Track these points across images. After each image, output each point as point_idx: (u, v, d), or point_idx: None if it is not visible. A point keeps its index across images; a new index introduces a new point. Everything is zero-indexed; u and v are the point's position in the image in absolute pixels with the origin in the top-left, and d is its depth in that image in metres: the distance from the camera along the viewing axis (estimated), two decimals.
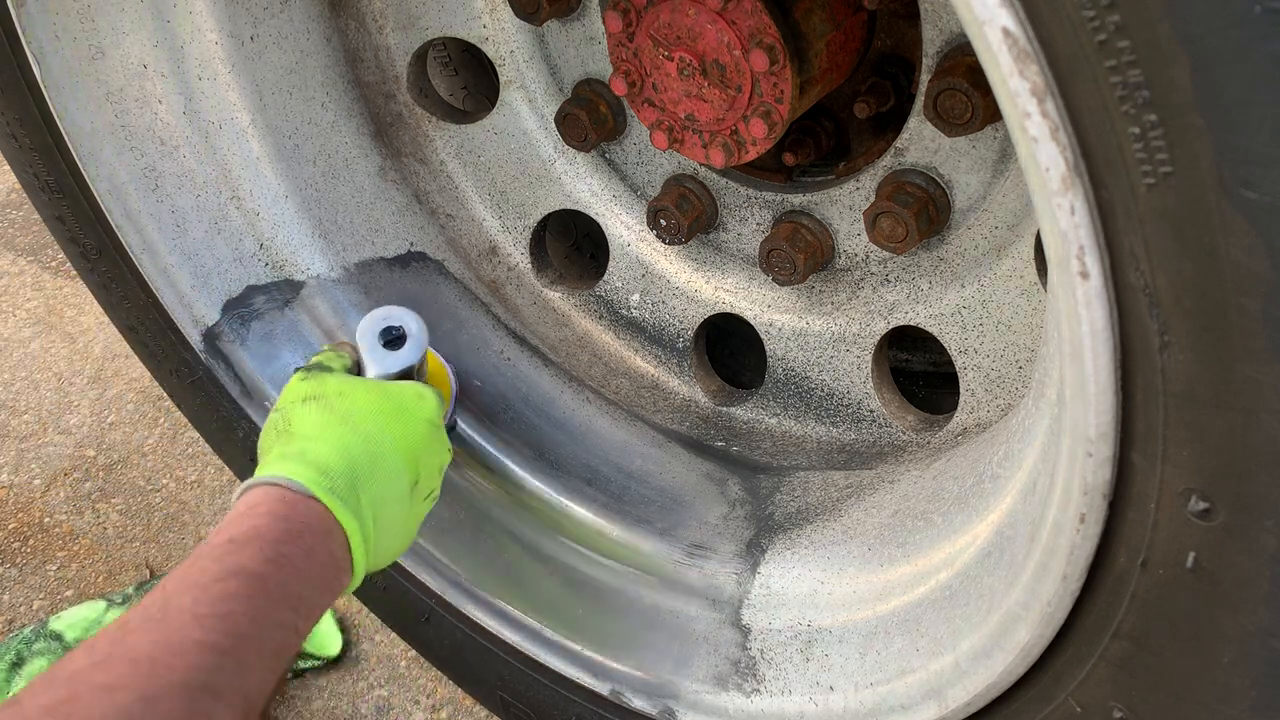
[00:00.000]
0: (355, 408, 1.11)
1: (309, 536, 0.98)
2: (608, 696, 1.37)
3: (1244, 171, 0.59)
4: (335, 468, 1.03)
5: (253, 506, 0.99)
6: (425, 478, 1.15)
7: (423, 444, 1.14)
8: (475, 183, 1.63)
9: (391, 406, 1.13)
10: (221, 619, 0.85)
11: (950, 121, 1.10)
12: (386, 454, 1.09)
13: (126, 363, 2.44)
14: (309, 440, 1.06)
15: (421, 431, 1.14)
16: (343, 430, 1.07)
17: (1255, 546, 0.71)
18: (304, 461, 1.03)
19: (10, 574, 2.04)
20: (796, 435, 1.49)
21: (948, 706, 1.03)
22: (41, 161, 1.46)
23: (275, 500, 0.99)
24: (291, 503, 0.99)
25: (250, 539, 0.94)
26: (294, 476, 1.01)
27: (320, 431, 1.07)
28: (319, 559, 0.98)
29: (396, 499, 1.09)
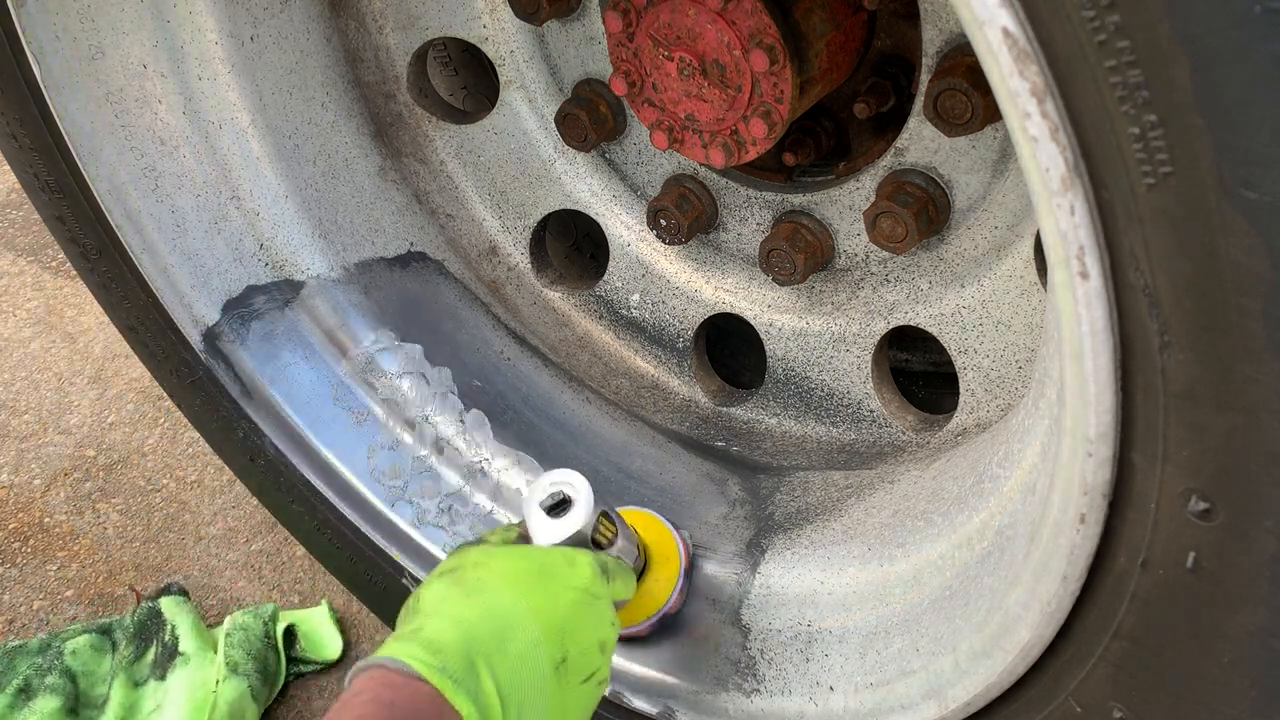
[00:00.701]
0: (487, 576, 1.00)
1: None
2: (608, 696, 1.37)
3: (1244, 171, 0.59)
4: (449, 644, 0.92)
5: (357, 694, 0.89)
6: (577, 655, 0.99)
7: (570, 616, 1.00)
8: (475, 183, 1.63)
9: (530, 571, 1.01)
10: None
11: (950, 121, 1.10)
12: (516, 626, 0.96)
13: (126, 363, 2.44)
14: (427, 617, 0.96)
15: (569, 601, 1.01)
16: (465, 604, 0.97)
17: (1255, 546, 0.71)
18: (415, 640, 0.93)
19: (10, 574, 2.04)
20: (796, 435, 1.49)
21: (948, 706, 1.03)
22: (41, 161, 1.46)
23: (380, 685, 0.89)
24: (398, 686, 0.89)
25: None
26: (401, 656, 0.91)
27: (441, 606, 0.97)
28: None
29: (535, 677, 0.95)
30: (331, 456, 1.56)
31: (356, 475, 1.56)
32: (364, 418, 1.57)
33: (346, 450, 1.57)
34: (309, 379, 1.57)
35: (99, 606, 1.97)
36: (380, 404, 1.57)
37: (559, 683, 0.97)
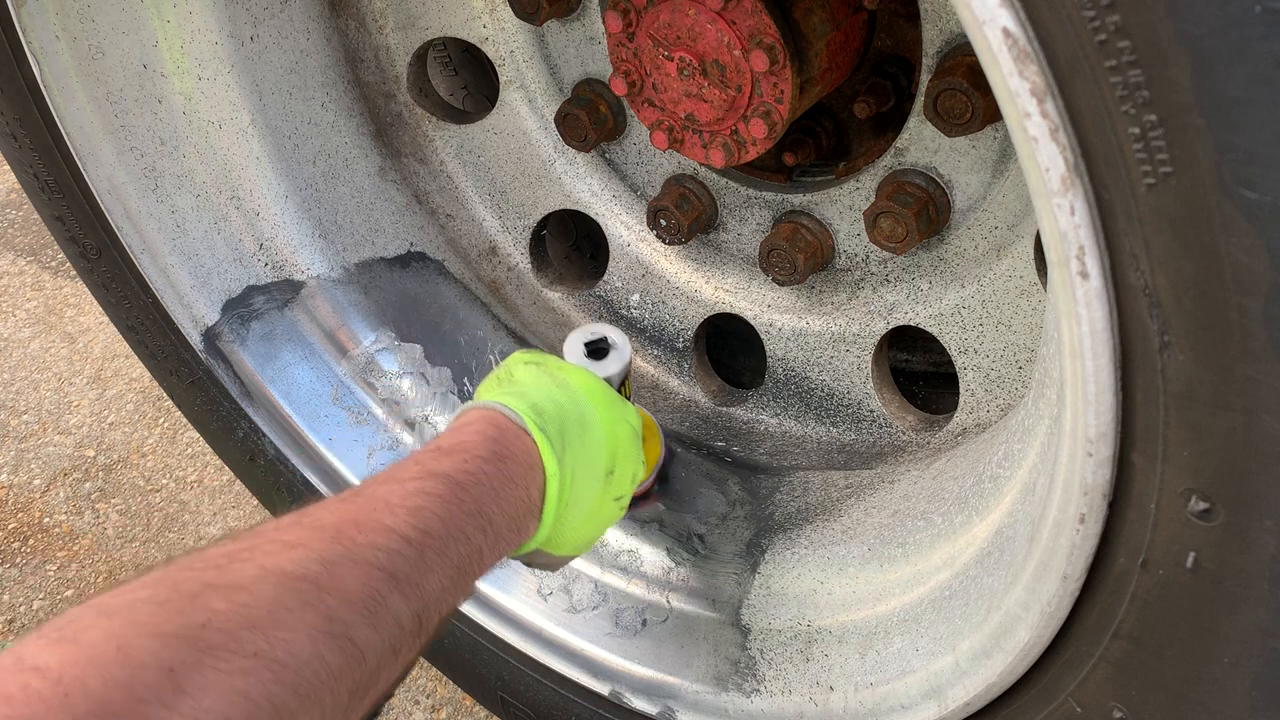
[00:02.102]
0: (572, 380, 1.11)
1: (512, 465, 0.97)
2: (608, 696, 1.37)
3: (1244, 171, 0.59)
4: (549, 413, 1.03)
5: (466, 424, 0.99)
6: (620, 475, 1.11)
7: (624, 441, 1.11)
8: (475, 183, 1.63)
9: (605, 393, 1.13)
10: (412, 512, 0.83)
11: (950, 121, 1.10)
12: (593, 427, 1.07)
13: (126, 363, 2.44)
14: (527, 386, 1.06)
15: (626, 432, 1.12)
16: (558, 391, 1.07)
17: (1255, 546, 0.71)
18: (522, 398, 1.03)
19: (10, 574, 2.04)
20: (796, 435, 1.49)
21: (948, 706, 1.03)
22: (41, 161, 1.46)
23: (487, 422, 0.99)
24: (502, 426, 0.99)
25: (455, 449, 0.94)
26: (512, 406, 1.01)
27: (538, 384, 1.08)
28: (516, 490, 0.96)
29: (593, 476, 1.06)
30: (331, 456, 1.56)
31: (356, 475, 1.56)
32: (364, 418, 1.57)
33: (346, 450, 1.57)
34: (309, 379, 1.58)
35: None
36: (380, 404, 1.57)
37: (603, 489, 1.08)
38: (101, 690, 0.59)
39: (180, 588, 0.67)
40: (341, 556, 0.75)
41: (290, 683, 0.66)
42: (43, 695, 0.58)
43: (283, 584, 0.71)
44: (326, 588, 0.72)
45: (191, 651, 0.63)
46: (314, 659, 0.69)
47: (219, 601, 0.67)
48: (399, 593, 0.77)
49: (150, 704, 0.60)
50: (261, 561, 0.72)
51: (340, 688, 0.70)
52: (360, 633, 0.72)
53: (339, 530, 0.77)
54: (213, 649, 0.64)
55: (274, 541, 0.74)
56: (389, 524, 0.81)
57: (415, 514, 0.83)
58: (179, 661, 0.62)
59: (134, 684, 0.60)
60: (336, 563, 0.74)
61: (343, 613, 0.72)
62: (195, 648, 0.63)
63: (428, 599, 0.80)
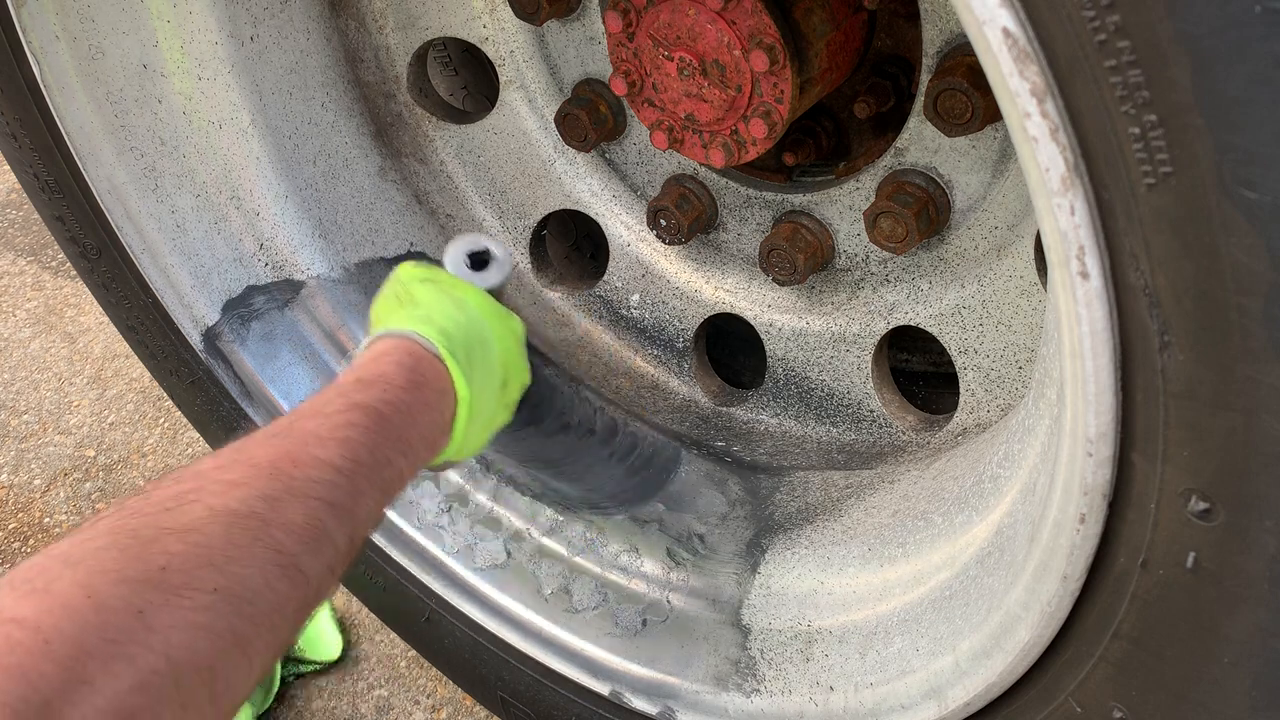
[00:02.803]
0: (467, 297, 1.15)
1: (427, 391, 1.02)
2: (608, 696, 1.37)
3: (1244, 171, 0.59)
4: (456, 337, 1.08)
5: (381, 354, 1.03)
6: (511, 385, 1.18)
7: (513, 352, 1.18)
8: (475, 183, 1.63)
9: (495, 309, 1.18)
10: (341, 444, 0.89)
11: (950, 121, 1.10)
12: (490, 345, 1.13)
13: (126, 363, 2.44)
14: (432, 309, 1.11)
15: (514, 344, 1.19)
16: (459, 312, 1.12)
17: (1255, 546, 0.71)
18: (430, 324, 1.08)
19: None
20: (796, 435, 1.49)
21: (948, 706, 1.03)
22: (41, 161, 1.46)
23: (403, 352, 1.03)
24: (418, 356, 1.04)
25: (376, 381, 0.99)
26: (423, 333, 1.06)
27: (440, 306, 1.12)
28: (432, 415, 1.02)
29: (492, 389, 1.13)
30: None
31: None
32: None
33: None
34: (309, 379, 1.57)
35: None
36: None
37: (499, 398, 1.15)
38: (78, 635, 0.63)
39: (138, 534, 0.72)
40: (282, 491, 0.81)
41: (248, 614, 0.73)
42: (25, 644, 0.62)
43: (232, 522, 0.76)
44: (271, 522, 0.78)
45: (156, 593, 0.68)
46: (266, 589, 0.75)
47: (175, 544, 0.72)
48: (335, 519, 0.84)
49: (123, 644, 0.65)
50: (209, 503, 0.77)
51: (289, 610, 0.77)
52: (304, 560, 0.79)
53: (276, 466, 0.83)
54: (175, 589, 0.69)
55: (217, 481, 0.80)
56: (322, 456, 0.87)
57: (344, 445, 0.89)
58: (146, 603, 0.67)
59: (107, 626, 0.65)
60: (278, 498, 0.80)
61: (289, 544, 0.78)
62: (159, 589, 0.69)
63: (359, 521, 0.87)
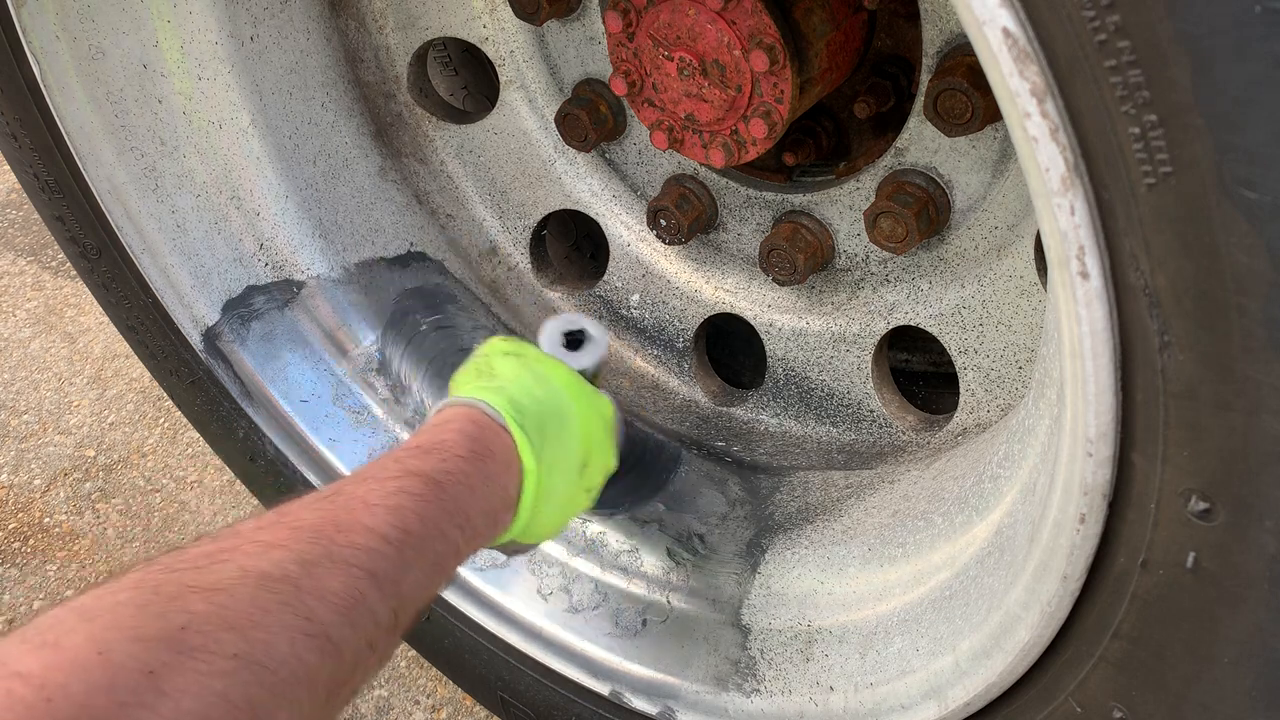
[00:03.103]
0: (551, 374, 1.12)
1: (490, 462, 0.98)
2: (608, 696, 1.37)
3: (1244, 171, 0.59)
4: (528, 409, 1.04)
5: (445, 421, 1.00)
6: (592, 467, 1.13)
7: (598, 436, 1.14)
8: (475, 183, 1.63)
9: (582, 389, 1.14)
10: (391, 511, 0.84)
11: (950, 121, 1.10)
12: (570, 423, 1.09)
13: (126, 363, 2.44)
14: (508, 381, 1.08)
15: (600, 426, 1.14)
16: (537, 386, 1.09)
17: (1255, 546, 0.71)
18: (502, 394, 1.04)
19: (10, 574, 2.04)
20: (796, 435, 1.49)
21: (948, 706, 1.03)
22: (41, 161, 1.46)
23: (467, 420, 1.00)
24: (482, 425, 1.00)
25: (435, 448, 0.95)
26: (492, 403, 1.02)
27: (518, 379, 1.09)
28: (494, 487, 0.98)
29: (568, 470, 1.08)
30: (331, 456, 1.56)
31: None
32: (364, 418, 1.57)
33: (346, 450, 1.57)
34: (309, 379, 1.57)
35: None
36: (380, 404, 1.57)
37: (577, 481, 1.11)
38: (83, 694, 0.60)
39: (160, 590, 0.68)
40: (321, 556, 0.76)
41: (269, 683, 0.67)
42: (26, 701, 0.58)
43: (261, 584, 0.71)
44: (305, 588, 0.73)
45: (171, 654, 0.64)
46: (291, 658, 0.69)
47: (198, 603, 0.67)
48: (377, 591, 0.78)
49: (131, 707, 0.60)
50: (241, 563, 0.72)
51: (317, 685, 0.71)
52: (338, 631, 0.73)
53: (319, 530, 0.78)
54: (192, 651, 0.64)
55: (254, 542, 0.75)
56: (368, 523, 0.81)
57: (394, 513, 0.84)
58: (159, 664, 0.63)
59: (115, 687, 0.61)
60: (315, 563, 0.75)
61: (321, 612, 0.73)
62: (175, 650, 0.64)
63: (404, 596, 0.82)
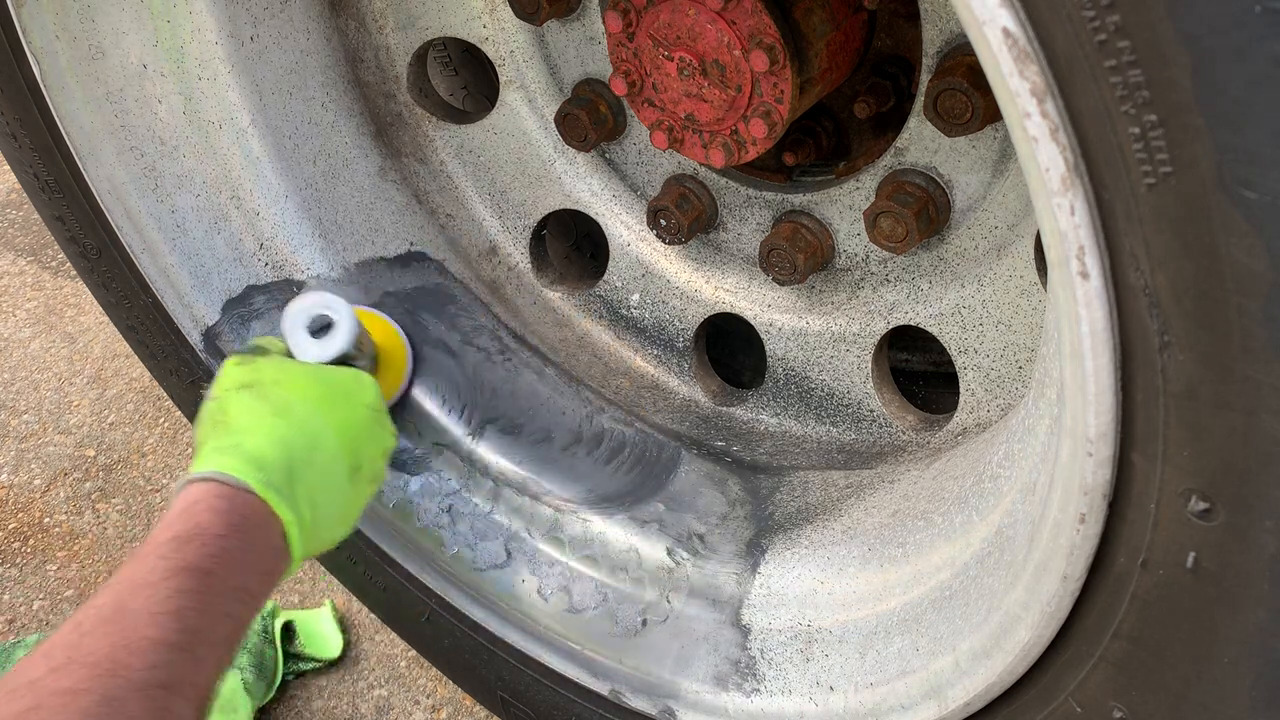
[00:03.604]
0: (291, 396, 1.11)
1: (249, 530, 1.00)
2: (607, 696, 1.37)
3: (1244, 171, 0.59)
4: (271, 460, 1.05)
5: (194, 503, 1.01)
6: (367, 462, 1.16)
7: (362, 430, 1.15)
8: (475, 183, 1.63)
9: (328, 393, 1.14)
10: (173, 616, 0.87)
11: (950, 121, 1.10)
12: (324, 442, 1.10)
13: (126, 363, 2.44)
14: (245, 433, 1.07)
15: (362, 418, 1.16)
16: (278, 422, 1.09)
17: (1255, 546, 0.71)
18: (240, 455, 1.04)
19: (10, 574, 2.04)
20: (796, 435, 1.49)
21: (948, 706, 1.03)
22: (41, 161, 1.46)
23: (214, 496, 1.01)
24: (230, 497, 1.01)
25: (194, 536, 0.96)
26: (231, 471, 1.03)
27: (256, 423, 1.08)
28: (259, 549, 1.00)
29: (335, 486, 1.11)
30: None
31: None
32: None
33: None
34: None
35: None
36: None
37: (352, 486, 1.13)
38: None
39: None
40: (122, 689, 0.80)
41: None
42: None
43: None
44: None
45: None
46: None
47: None
48: (180, 699, 0.83)
49: None
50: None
51: None
52: None
53: (114, 661, 0.82)
54: None
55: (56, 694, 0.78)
56: (156, 636, 0.85)
57: (177, 617, 0.87)
58: None
59: None
60: (121, 699, 0.79)
61: None
62: None
63: (204, 686, 0.87)
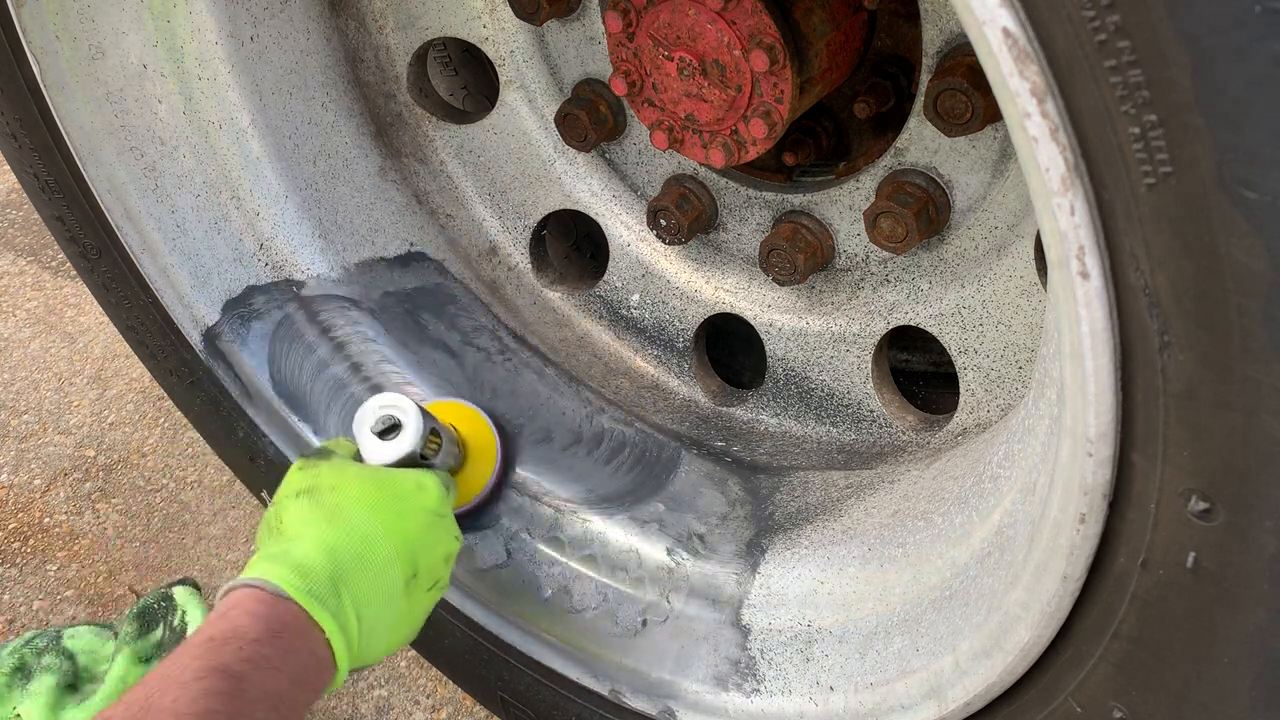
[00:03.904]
0: (345, 501, 1.10)
1: (287, 636, 0.99)
2: (607, 696, 1.37)
3: (1244, 171, 0.59)
4: (316, 567, 1.04)
5: (232, 607, 1.00)
6: (426, 569, 1.13)
7: (421, 535, 1.13)
8: (475, 183, 1.63)
9: (385, 497, 1.12)
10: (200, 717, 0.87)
11: (950, 121, 1.10)
12: (376, 549, 1.08)
13: (126, 363, 2.44)
14: (293, 541, 1.07)
15: (420, 522, 1.14)
16: (328, 528, 1.08)
17: (1255, 546, 0.71)
18: (285, 563, 1.04)
19: (10, 574, 2.04)
20: (796, 435, 1.49)
21: (947, 706, 1.03)
22: (41, 161, 1.46)
23: (254, 601, 1.00)
24: (269, 603, 1.01)
25: (229, 639, 0.96)
26: (272, 579, 1.02)
27: (304, 530, 1.08)
28: (299, 657, 0.99)
29: (388, 593, 1.09)
30: None
31: None
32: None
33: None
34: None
35: (99, 607, 1.98)
36: None
37: (408, 595, 1.11)
38: None
39: None
40: None
41: None
42: None
43: None
44: None
45: None
46: None
47: None
48: None
49: None
50: None
51: None
52: None
53: None
54: None
55: None
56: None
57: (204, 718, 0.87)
58: None
59: None
60: None
61: None
62: None
63: None
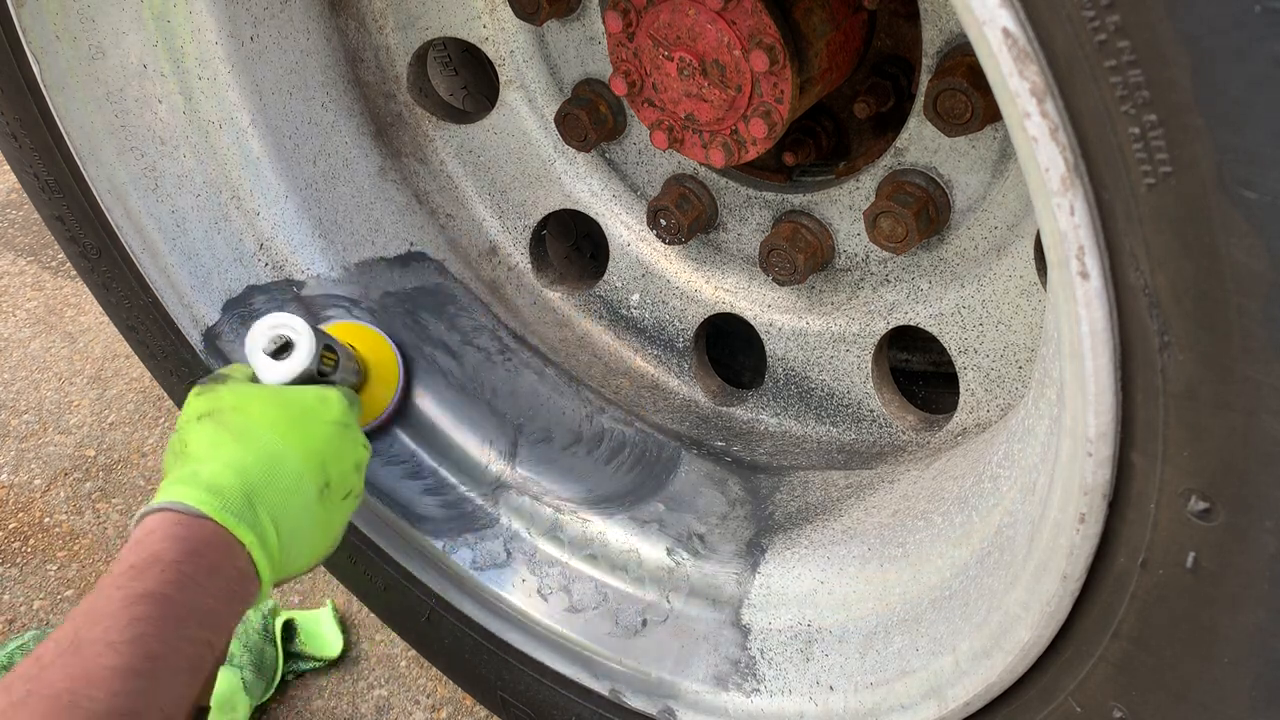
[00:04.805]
0: (249, 421, 1.12)
1: (209, 554, 1.00)
2: (607, 696, 1.37)
3: (1244, 171, 0.59)
4: (228, 485, 1.05)
5: (149, 533, 1.01)
6: (338, 479, 1.16)
7: (329, 446, 1.15)
8: (475, 183, 1.63)
9: (288, 413, 1.14)
10: (132, 643, 0.87)
11: (950, 121, 1.10)
12: (284, 463, 1.10)
13: (126, 363, 2.44)
14: (202, 461, 1.08)
15: (326, 434, 1.15)
16: (235, 447, 1.09)
17: (1255, 546, 0.71)
18: (196, 484, 1.05)
19: (10, 574, 2.04)
20: (796, 435, 1.49)
21: (947, 706, 1.03)
22: (41, 161, 1.46)
23: (170, 524, 1.01)
24: (186, 524, 1.01)
25: (151, 563, 0.96)
26: (186, 500, 1.03)
27: (213, 451, 1.09)
28: (222, 573, 1.00)
29: (303, 504, 1.10)
30: None
31: None
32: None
33: None
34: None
35: None
36: None
37: (323, 504, 1.13)
38: None
39: None
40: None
41: None
42: None
43: None
44: None
45: None
46: None
47: None
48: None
49: None
50: None
51: None
52: None
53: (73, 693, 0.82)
54: None
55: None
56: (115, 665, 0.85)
57: (136, 644, 0.87)
58: None
59: None
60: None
61: None
62: None
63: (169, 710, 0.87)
